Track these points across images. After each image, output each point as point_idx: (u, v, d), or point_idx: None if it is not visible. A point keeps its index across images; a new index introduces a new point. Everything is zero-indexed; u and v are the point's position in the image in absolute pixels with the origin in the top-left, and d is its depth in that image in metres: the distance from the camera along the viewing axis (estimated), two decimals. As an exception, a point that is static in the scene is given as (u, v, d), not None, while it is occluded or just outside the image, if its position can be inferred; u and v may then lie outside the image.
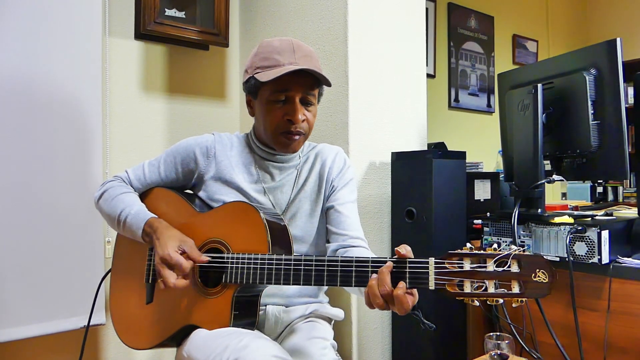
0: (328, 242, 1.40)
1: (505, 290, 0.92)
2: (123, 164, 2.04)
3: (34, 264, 1.71)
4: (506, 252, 0.93)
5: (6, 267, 1.67)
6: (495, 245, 0.95)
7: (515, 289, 0.91)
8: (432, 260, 0.97)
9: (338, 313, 1.46)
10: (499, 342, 1.18)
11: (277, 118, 1.29)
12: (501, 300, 0.92)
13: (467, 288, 0.93)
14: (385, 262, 1.02)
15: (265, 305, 1.33)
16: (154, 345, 1.28)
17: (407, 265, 1.00)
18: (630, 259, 1.49)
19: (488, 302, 0.93)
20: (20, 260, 1.69)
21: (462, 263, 0.95)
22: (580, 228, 1.48)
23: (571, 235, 1.49)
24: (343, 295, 1.77)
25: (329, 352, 1.29)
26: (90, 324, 1.67)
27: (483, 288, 0.92)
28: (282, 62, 1.25)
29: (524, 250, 0.93)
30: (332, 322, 1.46)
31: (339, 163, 1.43)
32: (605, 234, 1.46)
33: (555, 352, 1.47)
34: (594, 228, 1.46)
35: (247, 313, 1.20)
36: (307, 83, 1.28)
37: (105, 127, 1.98)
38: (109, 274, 1.46)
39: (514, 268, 0.92)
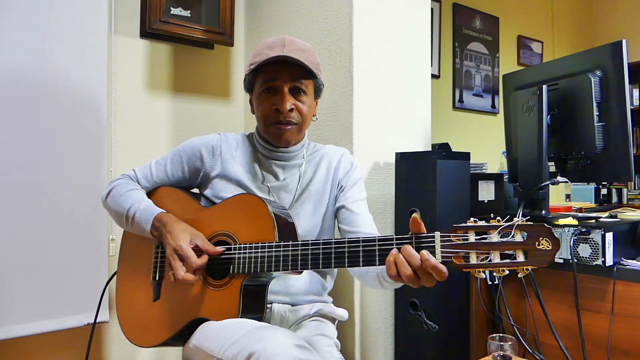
0: None
1: (510, 260, 0.93)
2: (128, 162, 2.05)
3: (38, 262, 1.72)
4: (509, 223, 0.94)
5: (10, 265, 1.67)
6: (498, 217, 0.97)
7: (520, 258, 0.92)
8: (437, 233, 0.98)
9: (342, 313, 1.46)
10: (502, 343, 1.18)
11: (267, 108, 1.32)
12: (507, 271, 0.93)
13: (473, 259, 0.95)
14: (391, 239, 1.03)
15: (271, 303, 1.34)
16: (161, 343, 1.28)
17: (414, 239, 1.00)
18: (634, 262, 1.49)
19: (494, 274, 0.94)
20: (24, 257, 1.70)
21: (467, 236, 0.96)
22: (584, 230, 1.48)
23: (575, 237, 1.49)
24: (346, 295, 1.77)
25: (333, 350, 1.31)
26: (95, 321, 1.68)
27: (489, 259, 0.94)
28: (270, 55, 1.27)
29: (526, 221, 0.94)
30: (336, 322, 1.47)
31: (345, 164, 1.45)
32: (609, 236, 1.46)
33: (559, 353, 1.47)
34: (598, 230, 1.46)
35: (255, 304, 1.20)
36: (295, 73, 1.30)
37: (110, 125, 1.99)
38: (112, 269, 1.46)
39: (518, 238, 0.93)
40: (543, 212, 1.64)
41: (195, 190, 1.46)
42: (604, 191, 3.48)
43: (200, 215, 1.31)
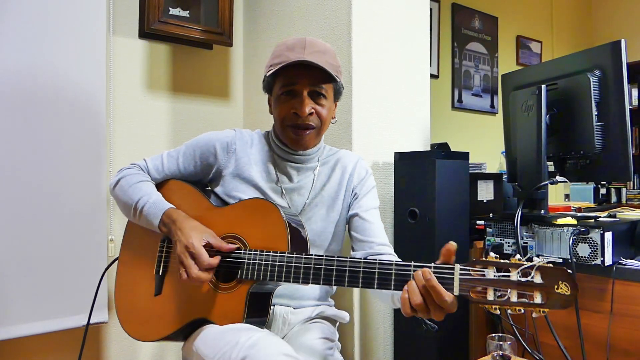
0: (353, 249, 1.39)
1: (527, 300, 0.92)
2: (126, 162, 2.02)
3: (37, 262, 1.72)
4: (530, 263, 0.93)
5: (9, 265, 1.67)
6: (518, 256, 0.96)
7: (537, 300, 0.92)
8: (457, 266, 0.98)
9: (344, 316, 1.46)
10: (501, 343, 1.18)
11: (285, 111, 1.29)
12: (522, 310, 0.93)
13: (490, 296, 0.94)
14: (409, 266, 1.02)
15: (274, 305, 1.33)
16: (161, 338, 1.27)
17: (433, 269, 0.99)
18: (633, 261, 1.49)
19: (509, 312, 0.94)
20: (23, 258, 1.70)
21: (486, 271, 0.96)
22: (583, 229, 1.48)
23: (574, 237, 1.49)
24: (346, 296, 1.77)
25: (334, 352, 1.31)
26: (93, 321, 1.68)
27: (505, 297, 0.93)
28: (290, 58, 1.24)
29: (547, 263, 0.94)
30: (337, 324, 1.46)
31: (360, 171, 1.43)
32: (608, 235, 1.46)
33: (558, 353, 1.46)
34: (597, 230, 1.46)
35: (259, 311, 1.19)
36: (315, 77, 1.27)
37: (109, 125, 1.98)
38: (110, 268, 1.45)
39: (537, 279, 0.93)
40: (542, 211, 1.64)
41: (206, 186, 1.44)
42: (603, 191, 3.48)
43: (210, 214, 1.29)
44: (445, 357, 1.70)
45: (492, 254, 0.98)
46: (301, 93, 1.27)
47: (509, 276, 0.94)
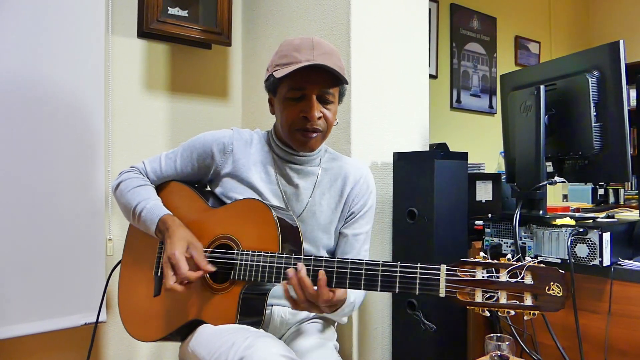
0: None
1: (518, 302, 0.90)
2: (125, 163, 2.04)
3: (35, 262, 1.72)
4: (519, 263, 0.90)
5: (8, 265, 1.67)
6: (509, 256, 0.93)
7: (528, 301, 0.89)
8: (443, 267, 0.96)
9: None
10: (499, 343, 1.18)
11: (293, 115, 1.27)
12: (513, 312, 0.90)
13: (479, 297, 0.92)
14: (395, 266, 1.02)
15: (272, 306, 1.33)
16: (159, 339, 1.28)
17: (418, 270, 0.99)
18: (631, 262, 1.49)
19: (499, 313, 0.91)
20: (21, 258, 1.69)
21: (474, 272, 0.93)
22: (581, 230, 1.48)
23: (572, 237, 1.49)
24: (344, 295, 1.76)
25: (332, 352, 1.30)
26: (93, 321, 1.67)
27: (494, 298, 0.91)
28: (299, 60, 1.22)
29: (538, 262, 0.90)
30: (335, 324, 1.46)
31: (362, 187, 1.40)
32: (606, 236, 1.46)
33: (556, 353, 1.46)
34: (595, 230, 1.46)
35: (253, 311, 1.20)
36: (325, 80, 1.25)
37: (107, 125, 1.98)
38: (116, 268, 1.46)
39: (528, 280, 0.90)
40: (540, 212, 1.64)
41: (206, 186, 1.44)
42: (601, 191, 3.49)
43: (205, 215, 1.30)
44: (443, 358, 1.70)
45: (481, 254, 0.96)
46: (310, 97, 1.25)
47: (498, 277, 0.91)
